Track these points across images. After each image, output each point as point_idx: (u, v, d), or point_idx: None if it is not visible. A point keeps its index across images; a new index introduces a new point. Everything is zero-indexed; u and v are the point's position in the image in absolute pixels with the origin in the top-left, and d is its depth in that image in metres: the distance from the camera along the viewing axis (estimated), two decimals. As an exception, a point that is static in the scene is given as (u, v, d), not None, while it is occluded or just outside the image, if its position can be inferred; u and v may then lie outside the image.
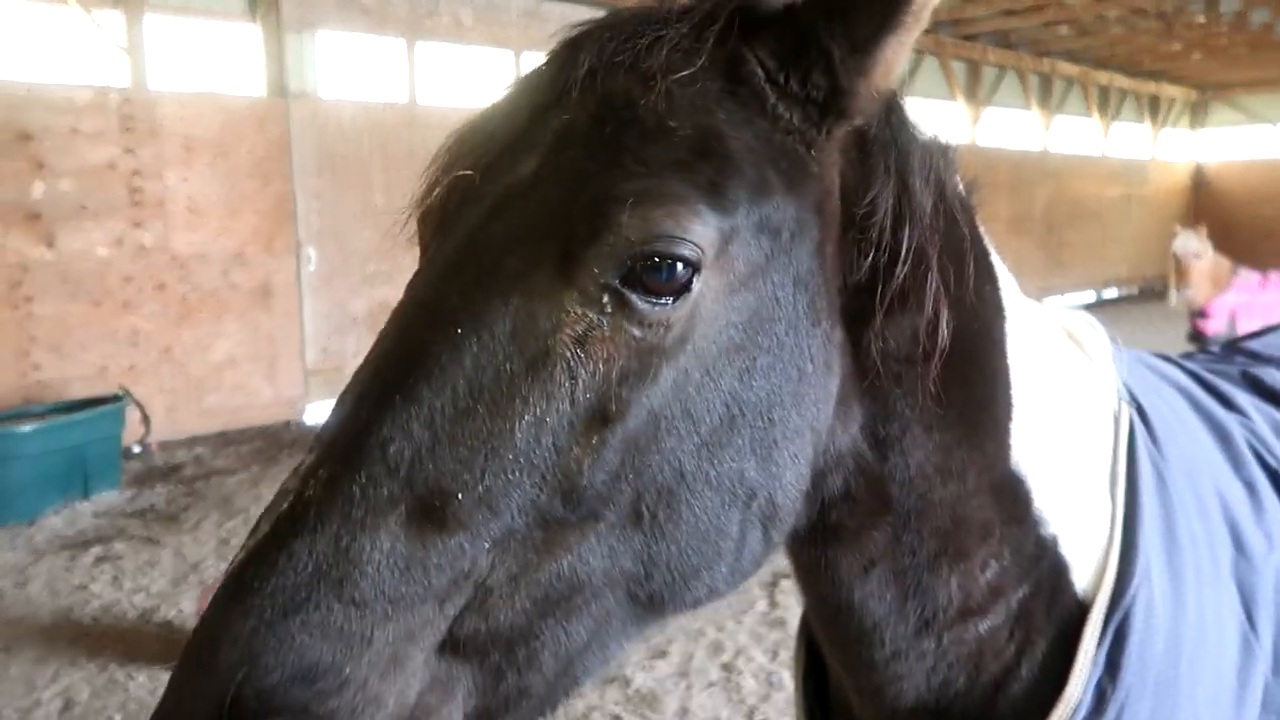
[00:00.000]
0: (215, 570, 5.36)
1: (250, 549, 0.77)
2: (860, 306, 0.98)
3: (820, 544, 1.10)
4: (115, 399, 7.43)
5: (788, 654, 4.37)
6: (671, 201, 0.81)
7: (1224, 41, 16.69)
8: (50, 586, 5.34)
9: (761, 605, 4.91)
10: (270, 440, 8.57)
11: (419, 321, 0.82)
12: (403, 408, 0.78)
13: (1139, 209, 21.10)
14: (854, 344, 0.99)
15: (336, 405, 0.84)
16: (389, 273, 9.86)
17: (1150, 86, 21.11)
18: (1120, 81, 20.15)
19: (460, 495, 0.75)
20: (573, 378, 0.79)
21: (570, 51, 0.92)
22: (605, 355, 0.80)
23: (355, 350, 9.68)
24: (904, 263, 0.97)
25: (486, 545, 0.77)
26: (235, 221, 8.80)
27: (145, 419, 7.84)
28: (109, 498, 6.92)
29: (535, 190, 0.85)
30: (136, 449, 7.84)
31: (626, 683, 4.17)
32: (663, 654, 4.43)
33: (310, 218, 9.34)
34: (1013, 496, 1.13)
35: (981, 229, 1.14)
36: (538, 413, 0.78)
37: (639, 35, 0.91)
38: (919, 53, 15.83)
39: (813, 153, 0.91)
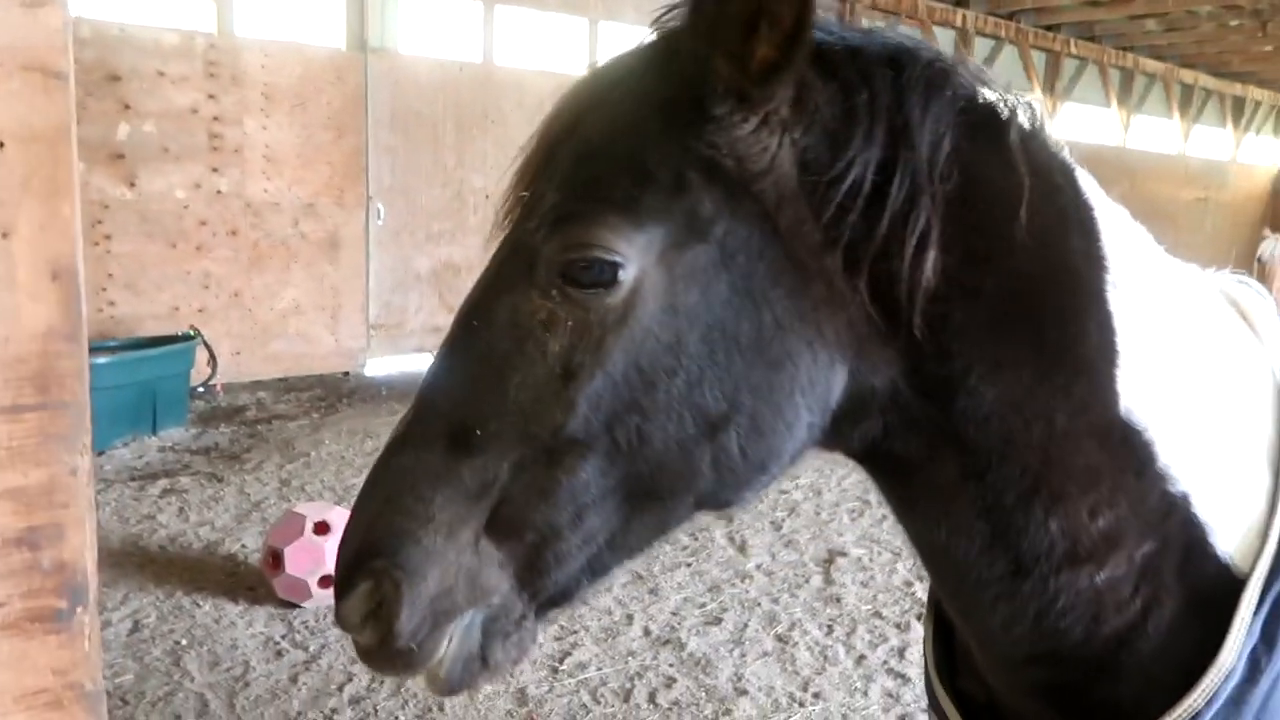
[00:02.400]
0: (277, 510, 5.47)
1: (375, 463, 1.14)
2: (859, 256, 1.09)
3: (894, 482, 1.22)
4: (186, 338, 7.61)
5: (842, 630, 4.35)
6: (585, 220, 1.06)
7: (1320, 44, 16.09)
8: (119, 514, 5.50)
9: (817, 581, 4.89)
10: (330, 389, 8.71)
11: (462, 313, 1.15)
12: (445, 374, 1.13)
13: (1215, 213, 20.50)
14: (873, 291, 1.09)
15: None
16: (453, 232, 9.94)
17: (1236, 88, 20.43)
18: (1205, 81, 19.51)
19: (480, 430, 1.07)
20: (543, 349, 1.07)
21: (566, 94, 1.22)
22: (564, 331, 1.07)
23: (417, 307, 9.79)
24: (888, 216, 1.07)
25: (504, 464, 1.06)
26: (308, 172, 8.91)
27: (212, 360, 8.01)
28: (175, 434, 7.09)
29: (518, 211, 1.17)
30: (202, 389, 8.02)
31: (681, 645, 4.19)
32: (717, 620, 4.44)
33: (381, 173, 9.42)
34: (1125, 445, 1.13)
35: (1074, 183, 1.19)
36: (524, 374, 1.07)
37: (604, 72, 1.19)
38: (998, 40, 15.49)
39: (736, 146, 1.07)
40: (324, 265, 9.15)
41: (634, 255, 1.06)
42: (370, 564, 1.07)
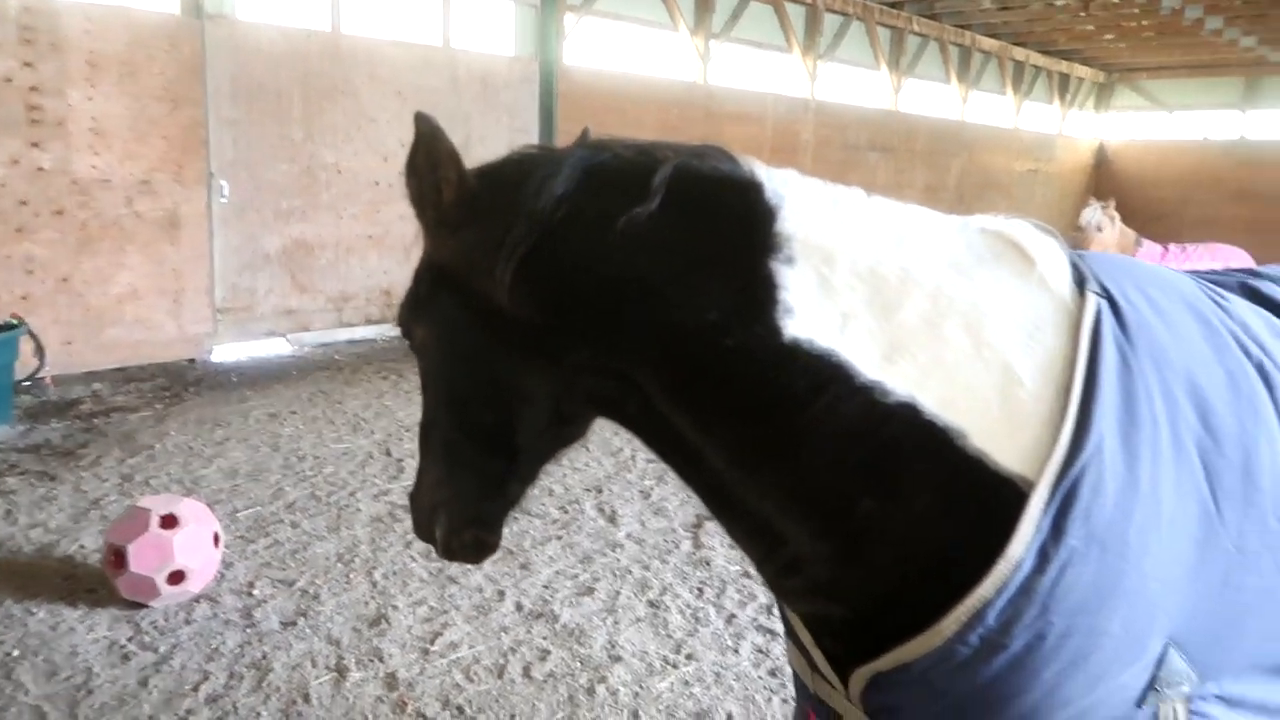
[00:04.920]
0: (118, 507, 5.14)
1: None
2: None
3: (650, 441, 1.49)
4: (8, 328, 7.01)
5: (713, 592, 4.44)
6: (400, 310, 1.61)
7: (1134, 24, 17.27)
8: (-62, 520, 5.04)
9: (686, 546, 4.96)
10: (174, 378, 8.23)
11: None
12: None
13: (1045, 184, 21.82)
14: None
15: None
16: (304, 209, 9.53)
17: (1062, 66, 21.74)
18: (1035, 59, 20.69)
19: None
20: None
21: None
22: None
23: (268, 289, 9.35)
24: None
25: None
26: (142, 147, 8.34)
27: (39, 350, 7.43)
28: None
29: None
30: (28, 383, 7.43)
31: (554, 618, 4.17)
32: (589, 590, 4.44)
33: (223, 147, 8.92)
34: (806, 370, 1.28)
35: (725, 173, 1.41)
36: None
37: None
38: (846, 17, 15.95)
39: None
40: (163, 246, 8.60)
41: (417, 327, 1.63)
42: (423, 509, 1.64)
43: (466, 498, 1.53)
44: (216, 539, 4.27)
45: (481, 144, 10.05)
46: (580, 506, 5.44)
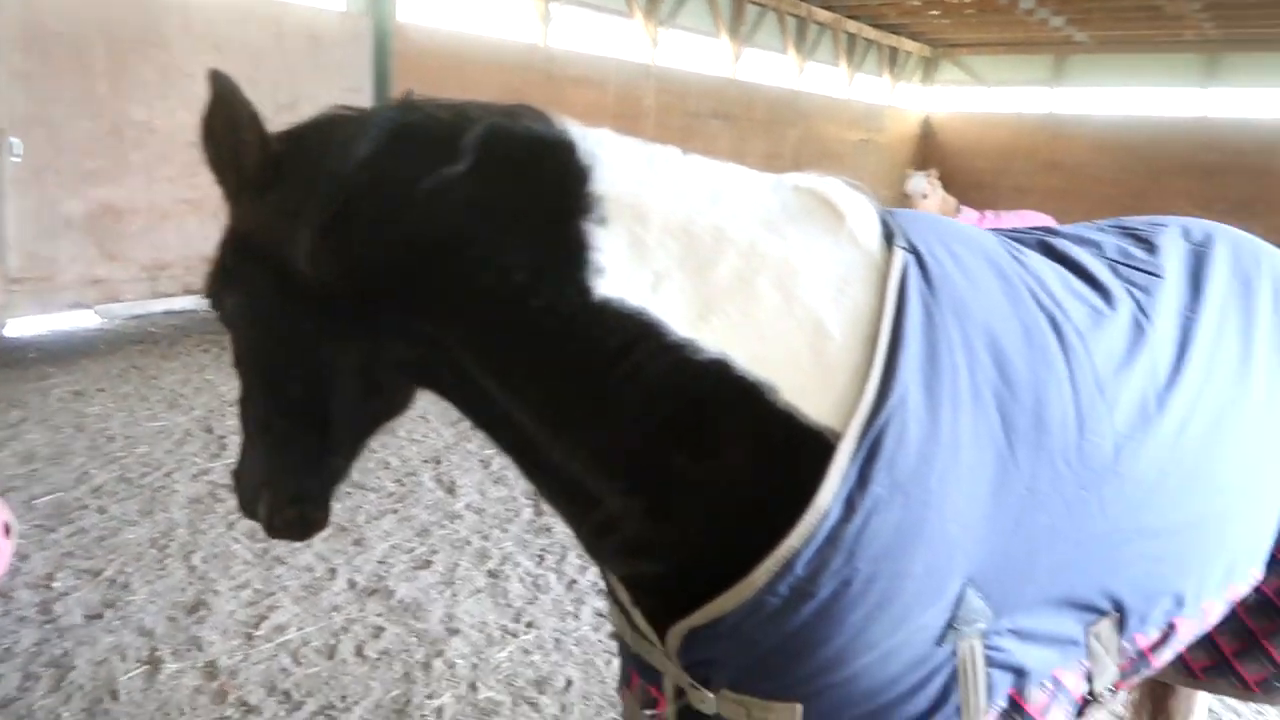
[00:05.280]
0: (-104, 498, 4.61)
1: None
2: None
3: (464, 407, 1.45)
4: None
5: (554, 559, 4.40)
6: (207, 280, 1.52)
7: (956, 1, 18.12)
8: None
9: (527, 514, 4.90)
10: (-35, 355, 7.47)
11: None
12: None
13: (876, 153, 22.74)
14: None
15: None
16: (112, 171, 8.79)
17: (891, 39, 22.62)
18: (867, 32, 21.43)
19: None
20: None
21: None
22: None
23: (71, 257, 8.59)
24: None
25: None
26: (-88, 98, 7.46)
27: None
28: None
29: None
30: None
31: (389, 594, 4.03)
32: (427, 564, 4.32)
33: (14, 102, 8.08)
34: (616, 329, 1.26)
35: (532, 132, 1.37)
36: None
37: None
38: (687, -16, 16.02)
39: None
40: (-55, 210, 7.76)
41: (225, 295, 1.58)
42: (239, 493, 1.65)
43: (288, 474, 1.50)
44: (6, 529, 3.89)
45: (311, 105, 9.42)
46: (418, 478, 5.29)
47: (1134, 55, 22.64)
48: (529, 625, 3.84)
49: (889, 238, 1.40)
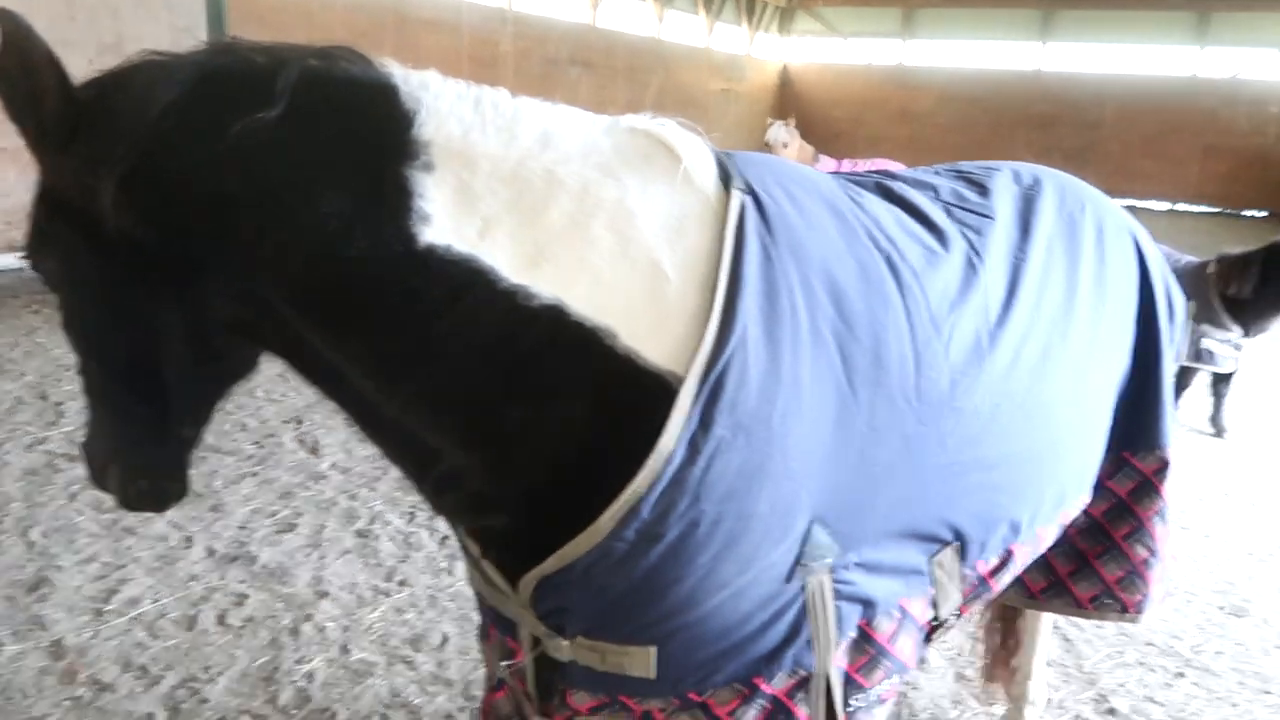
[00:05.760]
0: None
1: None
2: None
3: (296, 365, 1.41)
4: None
5: (424, 515, 4.33)
6: (26, 241, 1.38)
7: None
8: None
9: (395, 471, 4.78)
10: None
11: None
12: None
13: (736, 103, 22.99)
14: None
15: None
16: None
17: (749, -12, 22.78)
18: (725, -20, 21.50)
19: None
20: None
21: None
22: None
23: None
24: None
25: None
26: None
27: None
28: None
29: None
30: None
31: (252, 559, 3.88)
32: (291, 527, 4.18)
33: None
34: (443, 277, 1.24)
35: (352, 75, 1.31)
36: None
37: None
38: (543, -75, 15.62)
39: None
40: None
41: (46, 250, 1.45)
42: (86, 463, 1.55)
43: (133, 445, 1.44)
44: None
45: (138, 44, 8.81)
46: (278, 440, 5.08)
47: (977, 9, 23.62)
48: (401, 583, 3.77)
49: (726, 180, 1.40)
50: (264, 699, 3.04)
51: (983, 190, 1.87)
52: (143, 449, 1.44)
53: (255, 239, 1.24)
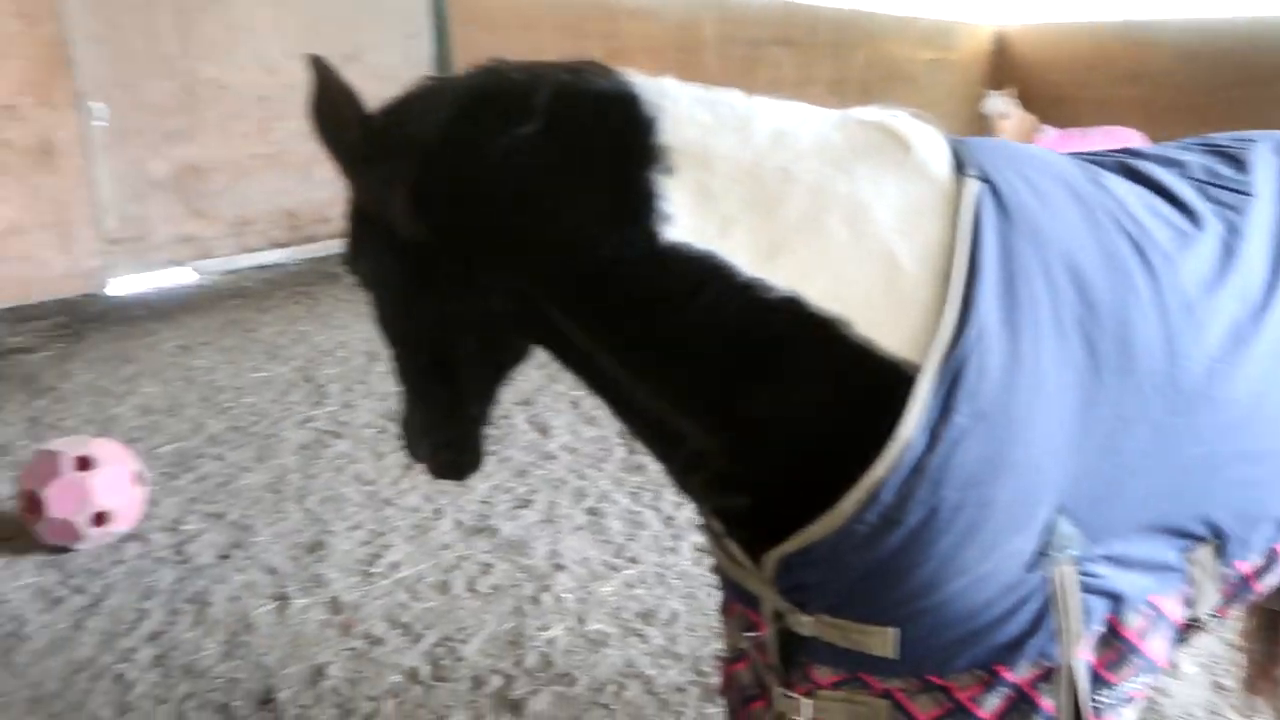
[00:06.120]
0: (28, 453, 4.92)
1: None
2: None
3: (558, 355, 1.53)
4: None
5: (649, 496, 4.52)
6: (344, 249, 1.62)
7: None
8: None
9: (620, 452, 5.01)
10: (74, 314, 7.82)
11: None
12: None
13: (948, 72, 21.98)
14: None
15: None
16: (191, 130, 9.00)
17: (960, -49, 21.66)
18: (933, -56, 20.55)
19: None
20: None
21: None
22: None
23: (162, 216, 8.88)
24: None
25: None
26: None
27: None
28: (-115, 382, 6.18)
29: None
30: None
31: (494, 532, 4.21)
32: (527, 503, 4.48)
33: (93, 66, 8.31)
34: (685, 273, 1.32)
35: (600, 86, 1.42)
36: None
37: None
38: (745, -95, 15.53)
39: None
40: (39, 176, 8.05)
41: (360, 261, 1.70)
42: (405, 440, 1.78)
43: (433, 422, 1.65)
44: (137, 477, 4.15)
45: (374, 51, 9.59)
46: (511, 421, 5.44)
47: (1222, -48, 21.33)
48: (631, 560, 3.97)
49: (960, 167, 1.40)
50: (512, 660, 3.32)
51: (1239, 165, 1.75)
52: (440, 428, 1.66)
53: (520, 242, 1.39)
